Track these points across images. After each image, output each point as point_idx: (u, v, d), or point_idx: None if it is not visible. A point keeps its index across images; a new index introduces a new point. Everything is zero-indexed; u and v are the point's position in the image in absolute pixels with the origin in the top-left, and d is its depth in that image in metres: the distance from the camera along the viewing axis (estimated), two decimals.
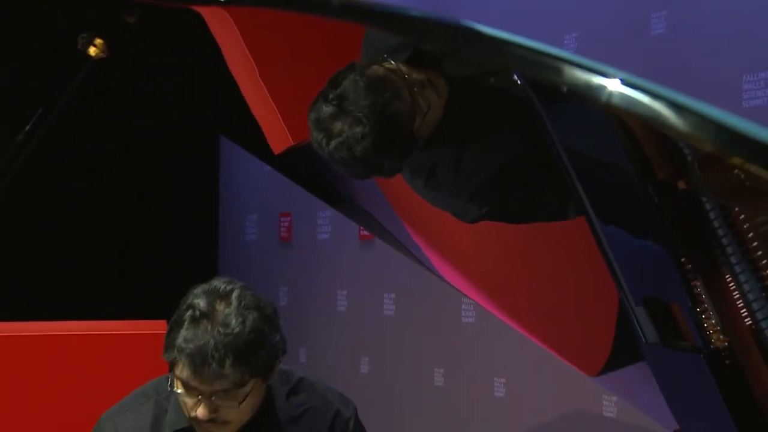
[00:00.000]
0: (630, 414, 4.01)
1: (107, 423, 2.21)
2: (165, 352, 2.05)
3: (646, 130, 1.36)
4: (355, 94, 1.87)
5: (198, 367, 1.98)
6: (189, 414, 2.06)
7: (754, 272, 1.40)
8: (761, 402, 1.45)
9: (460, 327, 5.31)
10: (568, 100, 1.49)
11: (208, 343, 1.98)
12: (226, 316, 2.03)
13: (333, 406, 2.25)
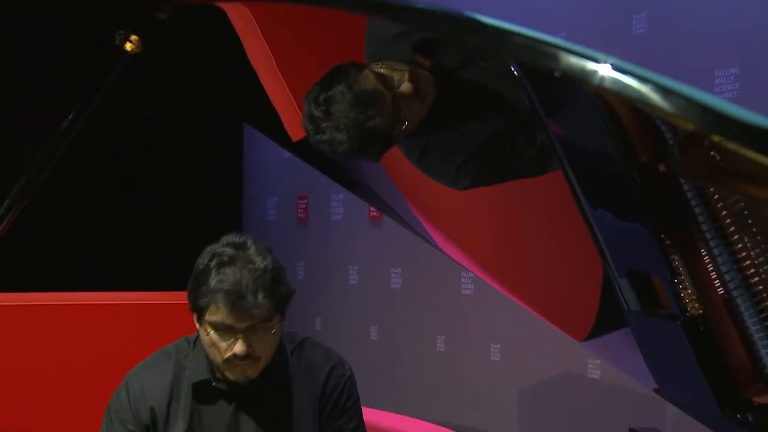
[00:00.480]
0: (612, 375, 4.01)
1: (133, 379, 2.22)
2: (197, 299, 2.08)
3: (631, 118, 1.35)
4: (341, 105, 1.87)
5: (235, 302, 2.02)
6: (224, 356, 2.06)
7: (727, 246, 1.39)
8: (732, 364, 1.45)
9: (460, 298, 5.31)
10: (561, 91, 1.48)
11: (241, 280, 2.03)
12: (250, 256, 2.08)
13: (331, 362, 2.26)
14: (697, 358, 1.48)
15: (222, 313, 2.04)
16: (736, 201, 1.36)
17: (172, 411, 2.16)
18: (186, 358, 2.22)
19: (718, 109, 0.94)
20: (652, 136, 1.35)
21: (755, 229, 1.36)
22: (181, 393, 2.17)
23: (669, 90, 0.93)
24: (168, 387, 2.17)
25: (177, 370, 2.19)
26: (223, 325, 2.05)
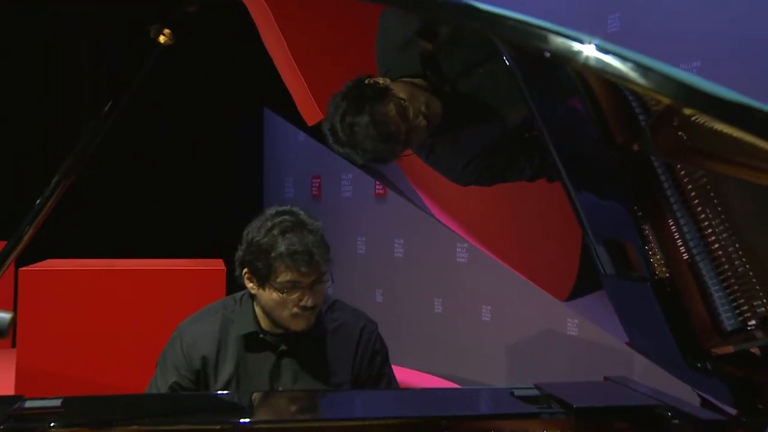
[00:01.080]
0: (588, 332, 4.03)
1: (186, 330, 2.25)
2: (264, 267, 2.12)
3: (609, 103, 1.35)
4: (363, 134, 1.86)
5: (306, 261, 2.09)
6: (293, 310, 2.12)
7: (692, 217, 1.39)
8: (694, 320, 1.45)
9: (455, 265, 5.31)
10: (548, 81, 1.47)
11: (308, 242, 2.11)
12: (305, 221, 2.16)
13: (360, 322, 2.31)
14: (664, 315, 1.48)
15: (293, 272, 2.10)
16: (700, 177, 1.36)
17: (221, 358, 2.19)
18: (233, 313, 2.25)
19: (691, 84, 0.94)
20: (627, 119, 1.35)
21: (716, 201, 1.35)
22: (228, 343, 2.20)
23: (647, 67, 0.92)
24: (217, 337, 2.20)
25: (224, 323, 2.22)
26: (293, 282, 2.11)
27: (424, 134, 1.93)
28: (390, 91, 1.89)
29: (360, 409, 1.88)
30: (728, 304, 1.39)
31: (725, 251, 1.37)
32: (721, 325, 1.40)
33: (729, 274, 1.38)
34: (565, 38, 0.93)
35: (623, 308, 1.65)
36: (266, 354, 2.20)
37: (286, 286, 2.10)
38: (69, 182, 1.62)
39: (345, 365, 2.23)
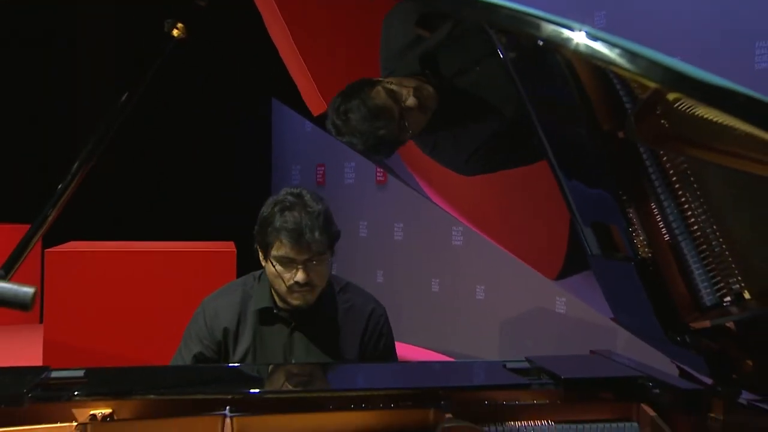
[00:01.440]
0: (575, 309, 4.04)
1: (209, 304, 2.29)
2: (264, 238, 2.16)
3: (596, 93, 1.34)
4: (356, 117, 1.87)
5: (297, 238, 2.10)
6: (287, 284, 2.14)
7: (673, 200, 1.38)
8: (674, 297, 1.45)
9: (451, 248, 5.32)
10: (539, 71, 1.46)
11: (301, 221, 2.11)
12: (307, 202, 2.16)
13: (370, 305, 2.33)
14: (647, 292, 1.48)
15: (285, 247, 2.12)
16: (681, 162, 1.35)
17: (240, 330, 2.22)
18: (251, 289, 2.28)
19: (677, 68, 0.93)
20: (614, 108, 1.34)
21: (696, 185, 1.35)
22: (247, 317, 2.23)
23: (635, 53, 0.91)
24: (237, 311, 2.24)
25: (244, 298, 2.25)
26: (286, 258, 2.12)
27: (421, 115, 1.93)
28: (379, 82, 1.91)
29: (362, 381, 1.89)
30: (706, 281, 1.39)
31: (704, 232, 1.37)
32: (700, 301, 1.40)
33: (707, 253, 1.37)
34: (557, 26, 0.92)
35: (608, 286, 1.65)
36: (280, 327, 2.22)
37: (280, 260, 2.13)
38: (88, 168, 1.61)
39: (353, 343, 2.25)
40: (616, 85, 1.32)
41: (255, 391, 1.70)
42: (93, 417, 1.57)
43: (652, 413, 1.58)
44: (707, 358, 1.49)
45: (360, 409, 1.61)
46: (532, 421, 1.62)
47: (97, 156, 1.60)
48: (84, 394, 1.60)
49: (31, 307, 0.74)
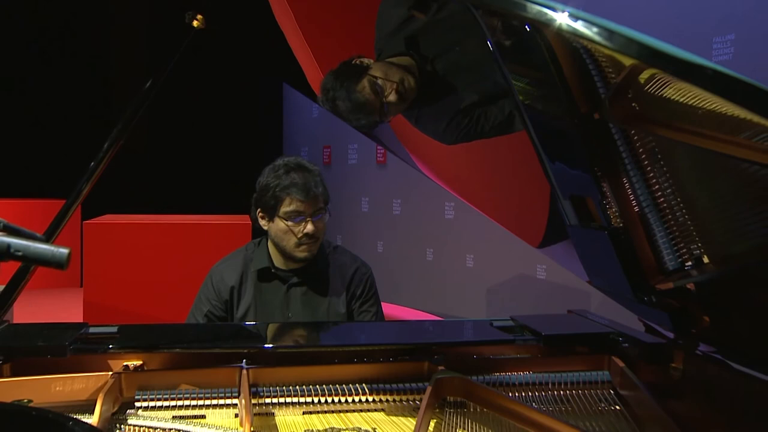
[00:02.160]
0: (554, 276, 4.05)
1: (216, 269, 2.34)
2: (271, 199, 2.20)
3: (574, 78, 1.33)
4: (343, 107, 1.94)
5: (305, 193, 2.17)
6: (297, 237, 2.19)
7: (643, 175, 1.38)
8: (642, 261, 1.45)
9: (444, 221, 5.33)
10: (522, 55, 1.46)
11: (308, 179, 2.18)
12: (306, 165, 2.23)
13: (355, 264, 2.37)
14: (618, 257, 1.48)
15: (296, 202, 2.16)
16: (649, 141, 1.35)
17: (243, 288, 2.27)
18: (252, 253, 2.33)
19: (651, 44, 0.93)
20: (590, 91, 1.34)
21: (662, 161, 1.35)
22: (248, 277, 2.28)
23: (613, 31, 0.91)
24: (240, 272, 2.29)
25: (246, 261, 2.30)
26: (296, 212, 2.17)
27: (400, 106, 1.96)
28: (367, 71, 1.93)
29: (364, 338, 1.89)
30: (670, 248, 1.40)
31: (669, 204, 1.37)
32: (664, 266, 1.41)
33: (671, 223, 1.38)
34: (542, 6, 0.92)
35: (584, 252, 1.65)
36: (277, 285, 2.28)
37: (291, 215, 2.17)
38: (118, 147, 1.61)
39: (340, 297, 2.30)
40: (592, 71, 1.32)
41: (268, 346, 1.71)
42: (126, 367, 1.59)
43: (622, 364, 1.58)
44: (670, 315, 1.49)
45: (362, 362, 1.62)
46: (516, 372, 1.62)
47: (126, 136, 1.59)
48: (118, 347, 1.62)
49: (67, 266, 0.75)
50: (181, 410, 1.51)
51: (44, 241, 0.75)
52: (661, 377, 1.53)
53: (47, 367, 1.55)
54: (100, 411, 1.39)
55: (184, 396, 1.54)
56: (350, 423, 1.48)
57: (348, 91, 1.90)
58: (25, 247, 0.74)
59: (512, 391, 1.56)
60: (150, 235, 4.07)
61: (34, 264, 0.74)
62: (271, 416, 1.51)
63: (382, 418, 1.51)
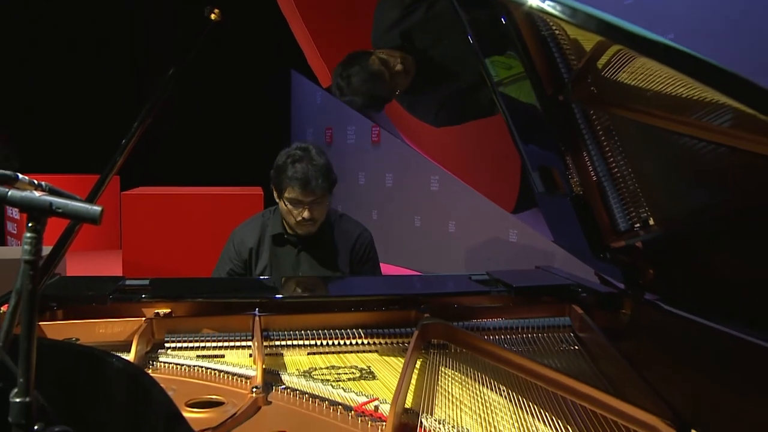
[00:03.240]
0: (524, 238, 4.07)
1: (237, 232, 2.33)
2: (279, 183, 2.17)
3: (541, 63, 1.33)
4: (358, 80, 1.86)
5: (303, 185, 2.13)
6: (296, 219, 2.17)
7: (599, 149, 1.38)
8: (599, 223, 1.46)
9: (429, 192, 5.33)
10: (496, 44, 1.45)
11: (308, 171, 2.13)
12: (313, 156, 2.16)
13: (357, 231, 2.34)
14: (579, 220, 1.49)
15: (295, 192, 2.14)
16: (606, 119, 1.35)
17: (260, 250, 2.27)
18: (268, 219, 2.31)
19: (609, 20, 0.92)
20: (555, 76, 1.33)
21: (617, 137, 1.35)
22: (265, 240, 2.27)
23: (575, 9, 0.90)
24: (257, 236, 2.27)
25: (262, 226, 2.29)
26: (296, 199, 2.15)
27: (405, 79, 1.92)
28: (373, 52, 1.90)
29: (360, 289, 1.91)
30: (622, 211, 1.40)
31: (622, 174, 1.37)
32: (617, 227, 1.42)
33: (624, 190, 1.38)
34: None
35: (550, 215, 1.65)
36: (290, 248, 2.26)
37: (291, 201, 2.15)
38: (146, 126, 1.59)
39: (344, 259, 2.28)
40: (557, 58, 1.31)
41: (278, 297, 1.73)
42: (156, 314, 1.61)
43: (580, 311, 1.60)
44: (621, 269, 1.51)
45: (358, 310, 1.64)
46: (490, 318, 1.64)
47: (152, 117, 1.57)
48: (150, 297, 1.64)
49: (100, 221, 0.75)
50: (203, 350, 1.53)
51: (81, 200, 0.75)
52: (613, 321, 1.55)
53: (92, 313, 1.58)
54: (135, 350, 1.41)
55: (206, 338, 1.56)
56: (348, 362, 1.50)
57: (361, 66, 1.86)
58: (65, 204, 0.74)
59: (487, 334, 1.57)
60: (178, 203, 4.14)
61: (72, 219, 0.74)
62: (280, 356, 1.53)
63: (375, 358, 1.52)
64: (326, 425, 1.15)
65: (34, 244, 0.73)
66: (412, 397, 1.23)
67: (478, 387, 1.29)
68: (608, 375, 1.35)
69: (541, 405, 1.20)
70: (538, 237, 1.99)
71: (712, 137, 1.03)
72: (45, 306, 1.57)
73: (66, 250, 1.40)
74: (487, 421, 1.15)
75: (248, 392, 1.25)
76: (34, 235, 0.73)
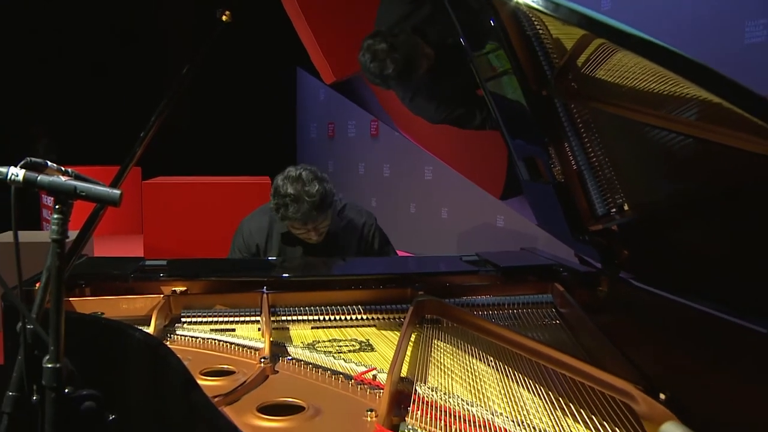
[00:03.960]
0: (510, 223, 4.07)
1: (245, 225, 2.21)
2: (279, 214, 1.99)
3: (526, 60, 1.32)
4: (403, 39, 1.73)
5: (304, 223, 1.98)
6: (301, 236, 2.04)
7: (580, 140, 1.38)
8: (578, 208, 1.46)
9: (424, 181, 5.32)
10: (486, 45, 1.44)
11: (306, 210, 1.94)
12: (308, 190, 1.94)
13: (362, 219, 2.21)
14: (561, 205, 1.49)
15: (294, 228, 2.03)
16: (585, 113, 1.34)
17: (268, 246, 2.16)
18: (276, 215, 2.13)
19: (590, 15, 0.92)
20: (539, 72, 1.33)
21: (595, 129, 1.35)
22: (273, 236, 2.15)
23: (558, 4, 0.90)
24: (266, 231, 2.15)
25: (271, 221, 2.15)
26: (297, 229, 2.04)
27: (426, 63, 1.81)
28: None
29: (360, 269, 1.89)
30: (600, 197, 1.40)
31: (600, 163, 1.37)
32: (595, 211, 1.42)
33: (601, 178, 1.38)
34: None
35: (535, 201, 1.65)
36: (297, 247, 2.16)
37: (294, 227, 2.04)
38: (162, 119, 1.58)
39: (352, 250, 2.18)
40: (540, 57, 1.31)
41: (284, 276, 1.73)
42: (174, 291, 1.62)
43: (561, 288, 1.61)
44: (599, 250, 1.51)
45: (358, 289, 1.64)
46: (479, 296, 1.65)
47: (167, 111, 1.56)
48: (167, 276, 1.65)
49: (119, 203, 0.76)
50: (216, 325, 1.54)
51: (103, 185, 0.76)
52: (591, 298, 1.56)
53: (116, 290, 1.59)
54: (155, 324, 1.42)
55: (218, 314, 1.57)
56: (348, 336, 1.51)
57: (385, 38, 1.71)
58: (88, 188, 0.75)
59: (477, 310, 1.58)
60: (193, 192, 4.16)
61: (94, 201, 0.75)
62: (286, 330, 1.54)
63: (373, 332, 1.53)
64: (328, 392, 1.16)
65: (60, 224, 0.74)
66: (407, 367, 1.24)
67: (468, 358, 1.31)
68: (586, 346, 1.36)
69: (525, 374, 1.22)
70: (523, 222, 1.99)
71: (680, 129, 1.04)
72: (74, 284, 1.59)
73: (92, 232, 1.40)
74: (475, 389, 1.16)
75: (257, 362, 1.26)
76: (60, 216, 0.74)
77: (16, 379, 0.76)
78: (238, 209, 2.68)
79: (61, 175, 0.78)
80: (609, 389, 1.07)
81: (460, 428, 0.99)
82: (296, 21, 2.36)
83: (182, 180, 4.49)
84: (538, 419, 1.05)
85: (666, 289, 1.29)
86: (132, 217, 6.37)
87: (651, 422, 0.97)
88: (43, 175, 0.76)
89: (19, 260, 0.78)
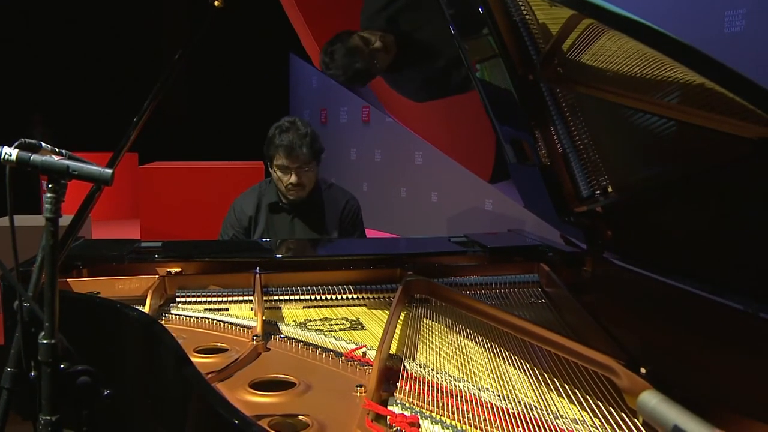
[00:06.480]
0: (498, 206, 4.09)
1: (237, 202, 2.31)
2: (269, 152, 2.16)
3: (513, 45, 1.32)
4: (339, 54, 1.84)
5: (289, 152, 2.11)
6: (285, 184, 2.15)
7: (565, 124, 1.38)
8: (564, 190, 1.46)
9: (414, 165, 5.32)
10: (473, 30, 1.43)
11: (293, 139, 2.11)
12: (298, 126, 2.15)
13: (345, 198, 2.31)
14: (547, 188, 1.50)
15: (282, 158, 2.12)
16: (570, 97, 1.34)
17: (258, 217, 2.25)
18: (264, 189, 2.28)
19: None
20: (525, 57, 1.32)
21: (579, 112, 1.35)
22: (262, 208, 2.25)
23: None
24: (255, 204, 2.25)
25: (260, 195, 2.26)
26: (283, 166, 2.12)
27: (386, 56, 1.88)
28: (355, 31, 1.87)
29: (350, 250, 1.90)
30: (584, 179, 1.41)
31: (584, 146, 1.37)
32: (580, 193, 1.43)
33: (586, 160, 1.39)
34: None
35: (522, 183, 1.65)
36: (284, 216, 2.25)
37: (279, 168, 2.14)
38: (156, 104, 1.56)
39: (334, 225, 2.27)
40: (527, 41, 1.31)
41: (277, 257, 1.74)
42: (168, 272, 1.61)
43: (547, 268, 1.62)
44: (583, 231, 1.52)
45: (348, 269, 1.65)
46: (468, 275, 1.65)
47: (161, 96, 1.54)
48: (162, 257, 1.65)
49: (111, 183, 0.75)
50: (210, 305, 1.54)
51: (95, 165, 0.75)
52: (576, 277, 1.57)
53: (112, 271, 1.59)
54: (150, 303, 1.42)
55: (212, 294, 1.57)
56: (339, 315, 1.51)
57: (342, 42, 1.84)
58: (80, 167, 0.74)
59: (465, 289, 1.59)
60: (188, 176, 4.16)
61: (87, 180, 0.74)
62: (278, 309, 1.55)
63: (363, 311, 1.54)
64: (319, 369, 1.17)
65: (53, 203, 0.73)
66: (397, 344, 1.25)
67: (456, 336, 1.31)
68: (571, 324, 1.37)
69: (511, 351, 1.23)
70: (511, 205, 1.99)
71: (663, 112, 1.04)
72: (71, 265, 1.58)
73: (88, 213, 1.39)
74: (463, 365, 1.17)
75: (249, 340, 1.27)
76: (53, 195, 0.73)
77: (14, 355, 0.76)
78: (231, 193, 2.68)
79: (54, 155, 0.77)
80: (592, 364, 1.09)
81: (447, 402, 1.00)
82: (288, 7, 2.34)
83: (177, 165, 4.47)
84: (524, 394, 1.06)
85: (648, 268, 1.30)
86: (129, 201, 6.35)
87: (632, 395, 0.98)
88: (36, 154, 0.76)
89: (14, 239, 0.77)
